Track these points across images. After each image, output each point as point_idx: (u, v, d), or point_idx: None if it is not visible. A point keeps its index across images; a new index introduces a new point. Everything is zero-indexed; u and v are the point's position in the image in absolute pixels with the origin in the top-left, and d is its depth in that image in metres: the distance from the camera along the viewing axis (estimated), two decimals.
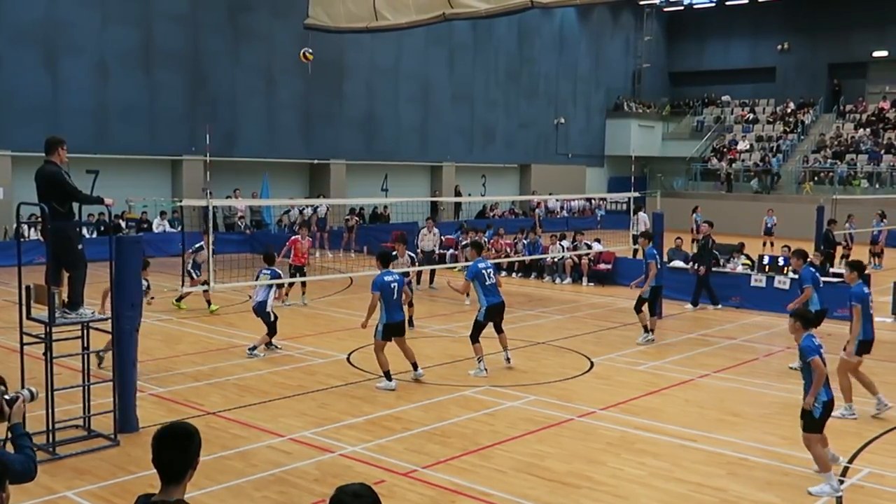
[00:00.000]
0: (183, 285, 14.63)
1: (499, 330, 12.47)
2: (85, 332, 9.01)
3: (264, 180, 29.55)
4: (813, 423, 7.89)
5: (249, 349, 13.08)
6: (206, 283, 13.20)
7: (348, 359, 12.96)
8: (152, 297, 13.85)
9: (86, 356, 9.12)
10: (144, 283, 12.02)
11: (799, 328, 8.06)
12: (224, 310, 16.97)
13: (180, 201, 14.53)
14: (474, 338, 12.15)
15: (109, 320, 9.21)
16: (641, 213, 33.46)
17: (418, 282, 20.31)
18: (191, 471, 3.64)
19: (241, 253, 22.72)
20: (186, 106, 28.43)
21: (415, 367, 11.57)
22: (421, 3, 20.30)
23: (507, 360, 12.54)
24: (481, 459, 8.57)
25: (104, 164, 13.01)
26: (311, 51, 20.67)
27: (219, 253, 14.64)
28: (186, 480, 3.63)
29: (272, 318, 13.27)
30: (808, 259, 13.02)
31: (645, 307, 14.56)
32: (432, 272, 20.58)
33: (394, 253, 15.61)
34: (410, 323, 14.76)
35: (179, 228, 25.30)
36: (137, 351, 9.55)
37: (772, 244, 27.59)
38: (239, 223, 28.79)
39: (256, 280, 13.90)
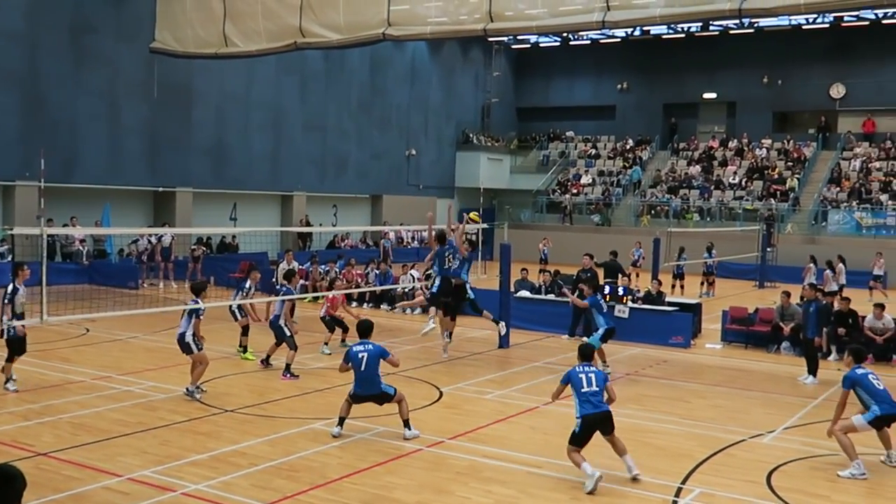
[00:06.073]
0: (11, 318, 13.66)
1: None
2: None
3: (105, 208, 28.36)
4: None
5: (283, 372, 13.72)
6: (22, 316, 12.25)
7: None
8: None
9: None
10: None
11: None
12: (59, 344, 16.11)
13: (11, 229, 13.71)
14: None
15: None
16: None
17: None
18: None
19: (80, 284, 21.72)
20: (20, 129, 26.92)
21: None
22: (272, 31, 20.07)
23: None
24: (330, 493, 8.47)
25: None
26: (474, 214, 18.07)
27: (53, 284, 13.85)
28: None
29: (287, 333, 13.93)
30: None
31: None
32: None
33: (247, 284, 15.61)
34: (245, 349, 15.43)
35: (10, 258, 23.91)
36: None
37: (637, 276, 27.49)
38: (80, 248, 27.35)
39: (277, 296, 14.69)
